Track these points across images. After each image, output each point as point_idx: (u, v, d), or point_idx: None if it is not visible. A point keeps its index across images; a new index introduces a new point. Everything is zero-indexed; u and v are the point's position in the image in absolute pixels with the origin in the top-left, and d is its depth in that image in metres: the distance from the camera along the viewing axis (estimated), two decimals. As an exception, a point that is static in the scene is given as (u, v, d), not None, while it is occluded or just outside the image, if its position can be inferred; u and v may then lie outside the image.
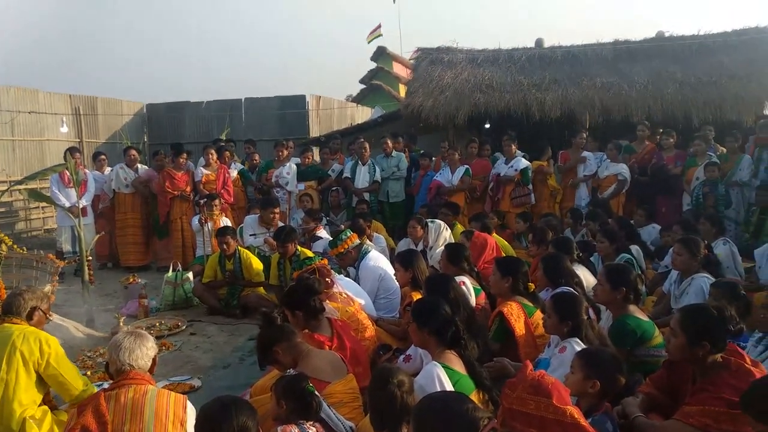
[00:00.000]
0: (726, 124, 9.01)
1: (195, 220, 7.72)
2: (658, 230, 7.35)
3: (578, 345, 3.29)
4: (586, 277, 4.75)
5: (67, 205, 7.69)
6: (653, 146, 8.52)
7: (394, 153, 9.20)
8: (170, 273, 6.69)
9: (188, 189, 8.48)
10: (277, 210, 7.41)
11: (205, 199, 7.68)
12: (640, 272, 5.28)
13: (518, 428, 2.47)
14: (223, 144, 9.97)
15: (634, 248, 5.83)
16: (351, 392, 3.10)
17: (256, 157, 9.60)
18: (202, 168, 8.56)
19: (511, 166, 8.38)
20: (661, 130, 8.91)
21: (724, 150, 8.32)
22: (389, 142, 9.19)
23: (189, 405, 2.63)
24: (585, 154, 8.58)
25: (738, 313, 3.71)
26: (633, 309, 3.75)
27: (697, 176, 7.73)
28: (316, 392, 2.72)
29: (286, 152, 8.99)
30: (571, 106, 9.62)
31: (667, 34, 10.91)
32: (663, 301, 5.01)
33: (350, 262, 5.48)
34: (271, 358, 3.21)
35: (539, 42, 11.47)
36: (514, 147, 8.50)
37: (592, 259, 5.79)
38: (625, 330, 3.59)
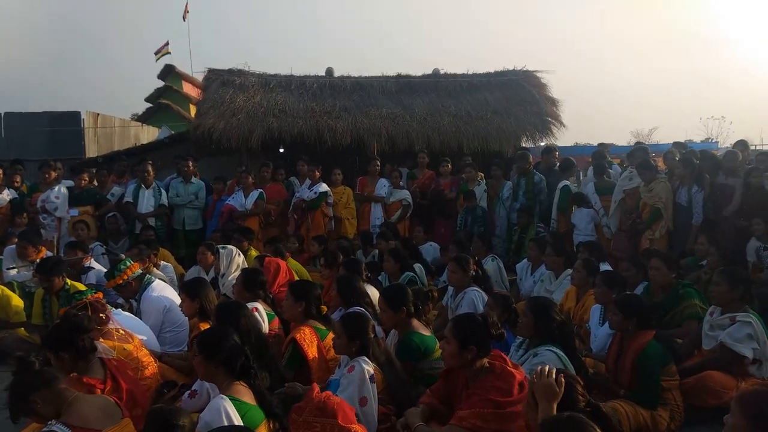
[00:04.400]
0: (491, 154, 10.21)
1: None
2: (437, 248, 8.03)
3: (366, 363, 3.41)
4: (375, 295, 4.97)
5: None
6: (432, 173, 9.31)
7: (193, 180, 8.78)
8: None
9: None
10: (29, 244, 6.36)
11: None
12: (422, 288, 5.70)
13: None
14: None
15: (417, 266, 6.28)
16: (127, 438, 2.82)
17: (17, 179, 8.36)
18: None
19: (313, 191, 8.50)
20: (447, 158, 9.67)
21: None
22: (191, 165, 8.76)
23: None
24: (380, 180, 9.02)
25: (509, 321, 4.21)
26: (417, 325, 4.03)
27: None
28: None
29: (54, 174, 8.01)
30: (361, 133, 10.09)
31: (442, 72, 12.06)
32: (443, 314, 5.46)
33: (131, 294, 5.04)
34: (28, 409, 2.80)
35: (329, 71, 11.88)
36: (317, 172, 8.64)
37: (380, 278, 6.09)
38: (410, 346, 3.86)
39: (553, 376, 2.48)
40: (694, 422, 3.82)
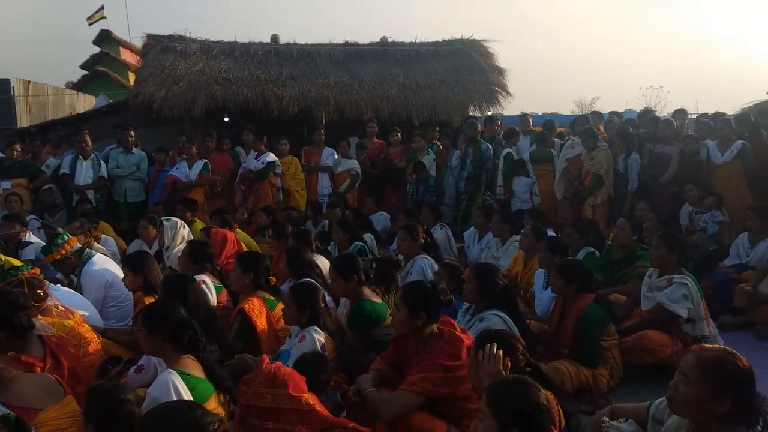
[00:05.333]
0: (439, 123, 10.22)
1: None
2: (387, 218, 8.06)
3: (317, 333, 3.41)
4: (325, 265, 4.96)
5: None
6: (382, 142, 9.27)
7: (134, 150, 8.46)
8: None
9: None
10: None
11: None
12: (372, 258, 5.73)
13: (256, 424, 2.46)
14: None
15: (368, 236, 6.29)
16: (70, 416, 2.72)
17: None
18: None
19: (261, 161, 8.33)
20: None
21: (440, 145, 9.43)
22: (132, 134, 8.43)
23: None
24: (326, 149, 8.95)
25: (458, 289, 4.28)
26: (367, 292, 4.05)
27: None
28: (26, 422, 2.33)
29: (-19, 145, 7.56)
30: (308, 102, 9.90)
31: (390, 40, 11.93)
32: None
33: (70, 269, 4.85)
34: (-40, 392, 2.66)
35: (275, 38, 11.57)
36: (264, 143, 8.47)
37: (329, 248, 6.07)
38: (362, 314, 3.88)
39: (501, 360, 2.50)
40: (633, 379, 4.02)
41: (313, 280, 4.18)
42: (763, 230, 5.71)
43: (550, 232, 6.15)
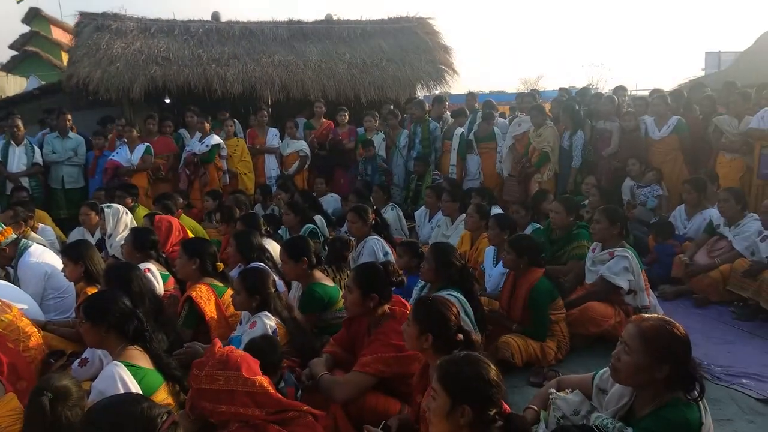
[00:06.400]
0: (387, 102, 10.19)
1: None
2: (338, 199, 8.02)
3: (268, 318, 3.38)
4: (275, 249, 4.90)
5: None
6: (330, 123, 9.18)
7: (71, 134, 8.10)
8: None
9: None
10: None
11: None
12: (323, 240, 5.70)
13: (208, 407, 2.43)
14: None
15: (318, 218, 6.24)
16: (12, 414, 2.62)
17: None
18: None
19: (205, 144, 8.11)
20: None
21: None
22: (69, 117, 8.05)
23: None
24: (271, 130, 8.80)
25: (417, 264, 4.30)
26: (319, 276, 4.03)
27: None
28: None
29: None
30: (253, 82, 9.68)
31: (335, 17, 11.75)
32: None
33: (6, 261, 4.62)
34: None
35: (216, 15, 11.21)
36: (207, 125, 8.24)
37: (280, 231, 6.00)
38: (313, 297, 3.86)
39: None
40: (579, 350, 4.16)
41: (263, 265, 4.14)
42: (699, 202, 5.96)
43: (498, 209, 6.26)
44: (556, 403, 2.54)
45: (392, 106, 9.61)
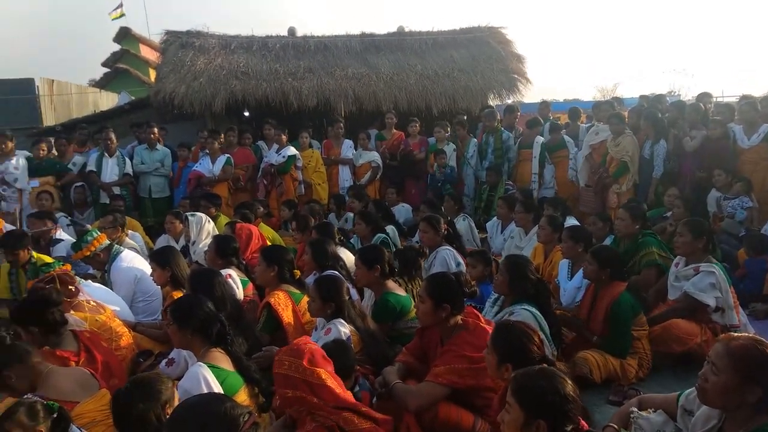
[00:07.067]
0: (458, 112, 10.15)
1: None
2: (409, 209, 8.06)
3: (342, 325, 3.44)
4: (349, 258, 4.99)
5: None
6: (401, 134, 9.25)
7: (159, 146, 8.58)
8: None
9: None
10: None
11: None
12: (394, 250, 5.74)
13: (280, 392, 2.53)
14: None
15: (390, 228, 6.29)
16: (105, 409, 2.79)
17: None
18: None
19: (282, 155, 8.38)
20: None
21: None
22: (156, 131, 8.56)
23: None
24: (346, 142, 8.98)
25: (490, 274, 4.27)
26: (392, 285, 4.06)
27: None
28: (67, 412, 2.42)
29: (10, 144, 7.71)
30: (327, 95, 9.91)
31: (407, 29, 11.86)
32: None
33: (100, 265, 4.96)
34: (2, 384, 2.76)
35: (292, 31, 11.58)
36: (284, 136, 8.51)
37: (352, 241, 6.10)
38: (386, 307, 3.89)
39: None
40: (661, 369, 3.99)
41: (337, 273, 4.22)
42: (793, 215, 5.58)
43: (572, 221, 6.10)
44: (638, 423, 2.45)
45: (464, 116, 9.59)
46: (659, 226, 6.00)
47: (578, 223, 5.88)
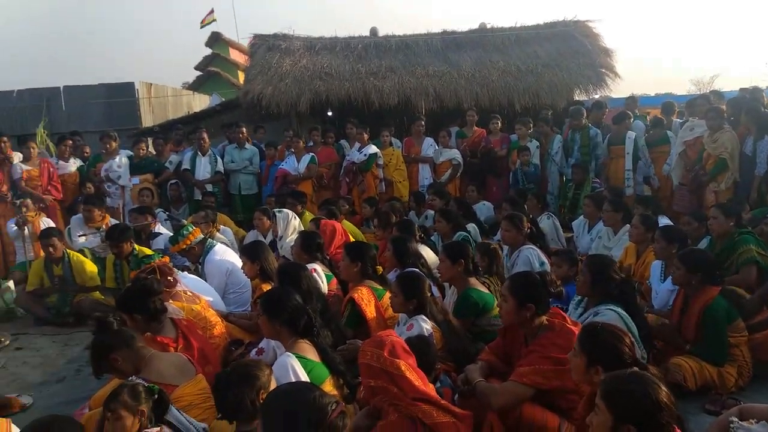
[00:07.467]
0: (542, 108, 9.91)
1: (11, 224, 6.86)
2: (490, 207, 7.96)
3: (424, 322, 3.47)
4: (430, 256, 5.00)
5: None
6: (482, 131, 9.15)
7: (248, 146, 8.97)
8: (-15, 283, 5.91)
9: (4, 188, 7.45)
10: (95, 207, 6.77)
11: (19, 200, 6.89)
12: (490, 243, 5.69)
13: (365, 381, 2.59)
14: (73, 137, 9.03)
15: (471, 226, 6.25)
16: (201, 393, 2.98)
17: (87, 149, 8.98)
18: (21, 164, 7.59)
19: (363, 153, 8.53)
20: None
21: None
22: (244, 131, 8.96)
23: (14, 428, 2.35)
24: (426, 140, 8.99)
25: (575, 274, 4.17)
26: (474, 282, 4.04)
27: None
28: (167, 394, 2.60)
29: (114, 144, 8.31)
30: (408, 93, 9.97)
31: (488, 26, 11.71)
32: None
33: (194, 258, 5.25)
34: (108, 366, 2.99)
35: (374, 31, 11.73)
36: (366, 135, 8.65)
37: (432, 238, 6.11)
38: (468, 302, 3.88)
39: None
40: (762, 377, 3.74)
41: (418, 270, 4.25)
42: None
43: (665, 220, 5.82)
44: (738, 433, 2.33)
45: (549, 112, 9.35)
46: (758, 228, 5.61)
47: (671, 223, 5.59)
